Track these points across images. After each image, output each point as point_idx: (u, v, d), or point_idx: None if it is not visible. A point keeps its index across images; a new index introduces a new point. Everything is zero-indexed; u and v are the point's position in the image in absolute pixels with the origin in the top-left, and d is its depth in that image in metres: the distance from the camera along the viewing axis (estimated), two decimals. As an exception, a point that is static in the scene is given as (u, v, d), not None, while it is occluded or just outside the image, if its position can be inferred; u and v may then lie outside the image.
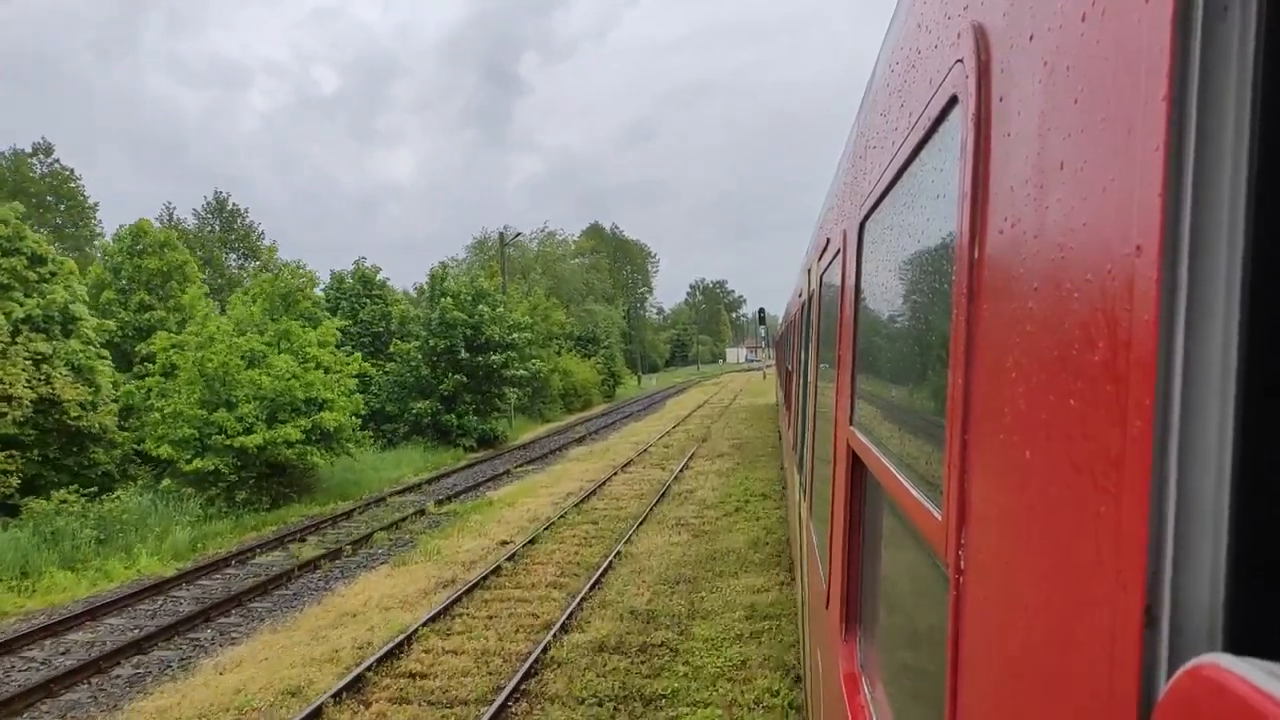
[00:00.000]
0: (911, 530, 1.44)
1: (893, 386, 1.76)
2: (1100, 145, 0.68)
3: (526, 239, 66.91)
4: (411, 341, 28.85)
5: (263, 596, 11.95)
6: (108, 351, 20.02)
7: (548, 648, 8.67)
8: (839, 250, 2.81)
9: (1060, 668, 0.71)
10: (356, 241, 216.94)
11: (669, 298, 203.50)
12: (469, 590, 10.94)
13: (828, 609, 2.72)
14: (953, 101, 1.16)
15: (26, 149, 43.13)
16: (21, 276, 17.53)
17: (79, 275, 19.98)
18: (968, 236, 1.03)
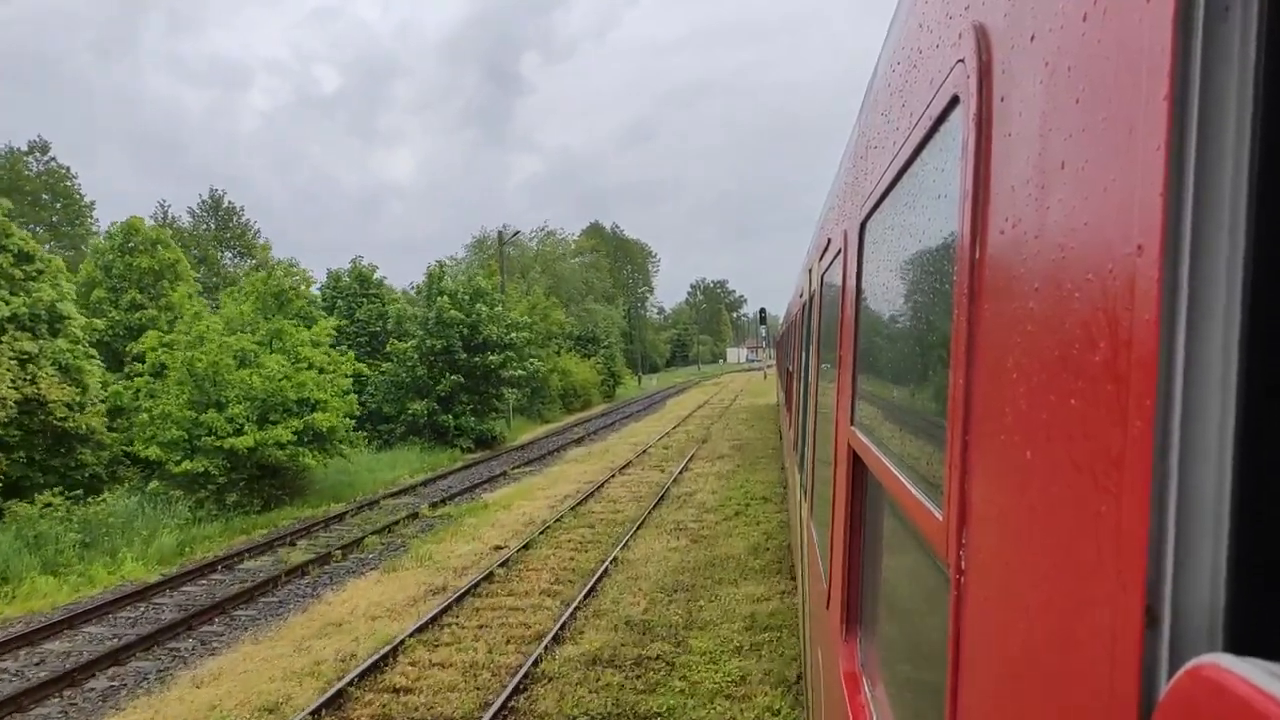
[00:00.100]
0: (912, 530, 1.44)
1: (893, 387, 1.76)
2: (1101, 145, 0.68)
3: (526, 238, 66.64)
4: (408, 341, 28.48)
5: (248, 604, 11.60)
6: (96, 351, 19.69)
7: (539, 660, 8.31)
8: (840, 250, 2.81)
9: (1061, 668, 0.71)
10: (357, 241, 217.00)
11: (669, 298, 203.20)
12: (459, 598, 10.58)
13: (828, 609, 2.73)
14: (954, 101, 1.15)
15: (23, 147, 42.90)
16: (8, 274, 17.16)
17: (67, 273, 19.64)
18: (969, 236, 1.02)
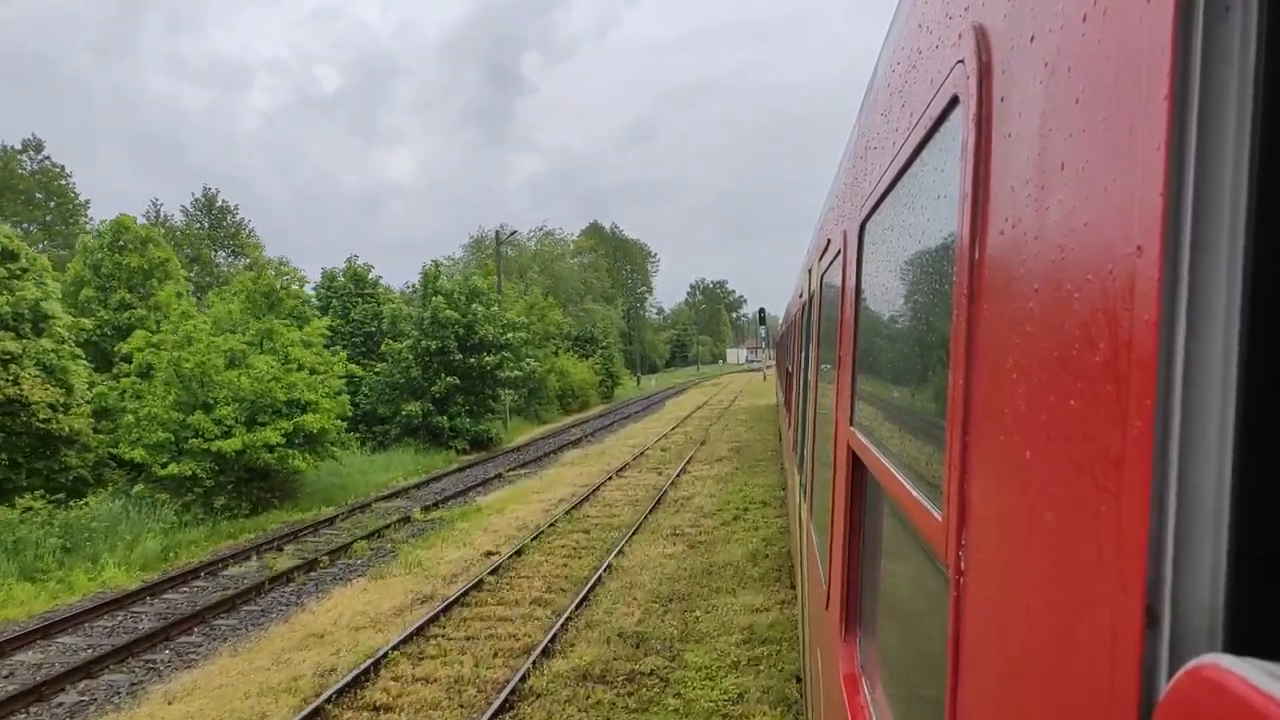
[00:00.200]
0: (912, 531, 1.44)
1: (893, 387, 1.76)
2: (1101, 145, 0.68)
3: (524, 238, 66.29)
4: (403, 341, 28.09)
5: (229, 613, 11.22)
6: (84, 351, 19.31)
7: (526, 676, 7.94)
8: (839, 251, 2.80)
9: (1061, 668, 0.70)
10: (356, 241, 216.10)
11: (669, 298, 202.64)
12: (447, 608, 10.21)
13: (828, 609, 2.72)
14: (954, 102, 1.15)
15: (16, 146, 42.49)
16: (-10, 272, 16.81)
17: (54, 272, 19.27)
18: (969, 237, 1.02)
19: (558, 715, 7.13)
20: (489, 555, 12.99)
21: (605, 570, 11.53)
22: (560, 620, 9.40)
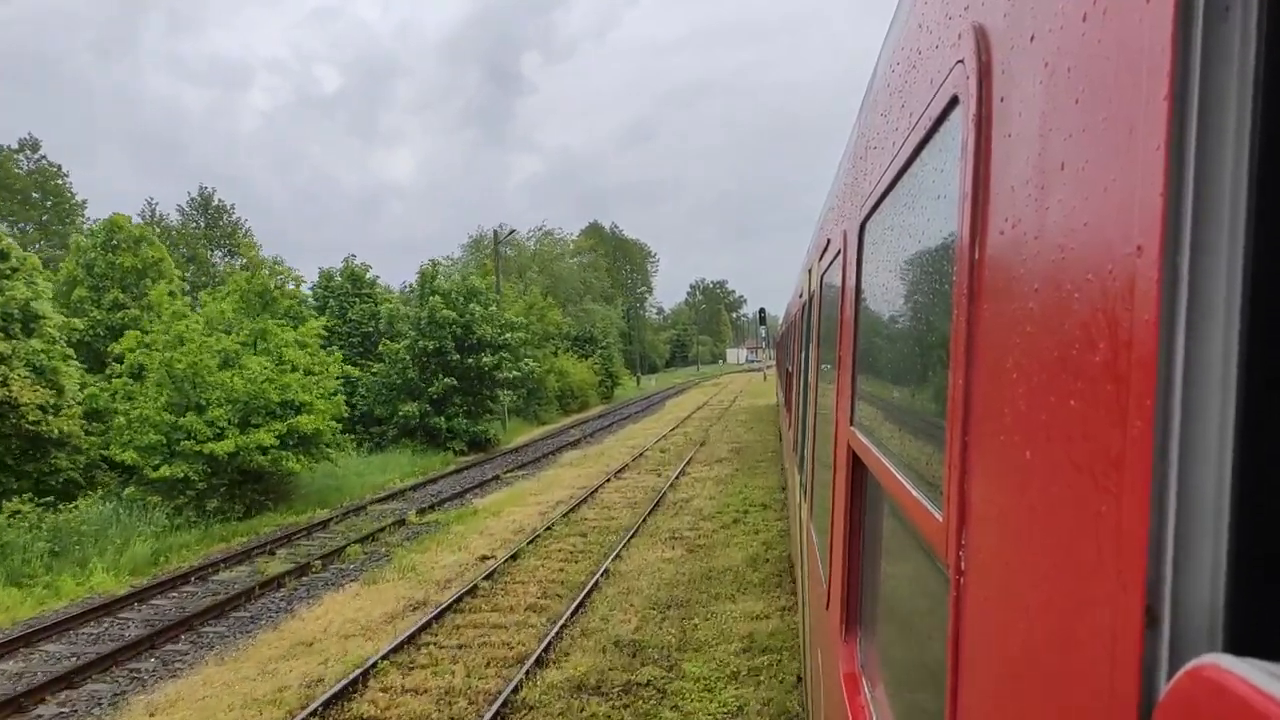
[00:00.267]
0: (912, 531, 1.43)
1: (893, 387, 1.76)
2: (1101, 145, 0.68)
3: (523, 237, 66.04)
4: (400, 341, 27.83)
5: (217, 619, 10.98)
6: (76, 352, 19.07)
7: (519, 687, 7.70)
8: (839, 251, 2.80)
9: (1061, 668, 0.70)
10: (356, 241, 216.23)
11: (669, 298, 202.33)
12: (439, 615, 9.96)
13: (828, 609, 2.72)
14: (953, 102, 1.15)
15: (13, 145, 42.25)
16: (-21, 272, 16.57)
17: (46, 272, 19.04)
18: (968, 237, 1.02)
19: (551, 729, 6.89)
20: (484, 559, 12.75)
21: (602, 575, 11.28)
22: (555, 628, 9.16)
